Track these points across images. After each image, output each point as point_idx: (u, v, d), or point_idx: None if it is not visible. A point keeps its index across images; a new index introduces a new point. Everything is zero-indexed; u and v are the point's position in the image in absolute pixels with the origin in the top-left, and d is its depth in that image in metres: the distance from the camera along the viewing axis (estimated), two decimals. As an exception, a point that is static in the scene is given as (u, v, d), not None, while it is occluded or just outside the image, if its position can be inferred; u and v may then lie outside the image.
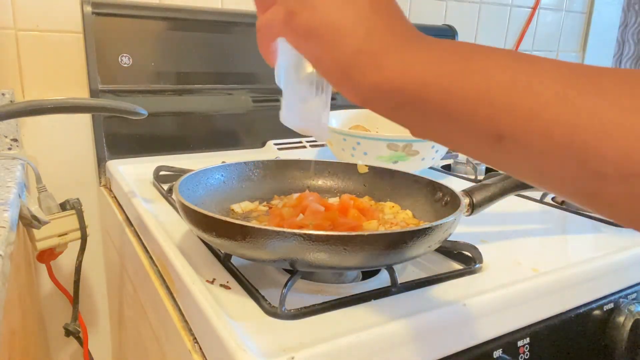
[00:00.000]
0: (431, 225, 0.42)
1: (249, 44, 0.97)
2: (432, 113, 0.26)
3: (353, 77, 0.29)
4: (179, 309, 0.47)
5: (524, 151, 0.23)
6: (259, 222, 0.55)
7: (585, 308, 0.53)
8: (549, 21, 1.52)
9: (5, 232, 0.47)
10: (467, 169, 0.93)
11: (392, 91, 0.27)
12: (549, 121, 0.22)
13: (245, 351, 0.34)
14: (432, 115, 0.26)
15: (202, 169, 0.58)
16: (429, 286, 0.46)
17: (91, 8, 0.83)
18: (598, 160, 0.21)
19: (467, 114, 0.25)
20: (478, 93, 0.24)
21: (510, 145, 0.24)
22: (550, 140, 0.22)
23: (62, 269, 0.91)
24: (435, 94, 0.26)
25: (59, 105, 0.53)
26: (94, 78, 0.84)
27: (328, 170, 0.66)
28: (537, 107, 0.22)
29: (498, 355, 0.46)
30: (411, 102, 0.27)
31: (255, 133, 1.00)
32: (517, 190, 0.57)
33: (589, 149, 0.21)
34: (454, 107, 0.25)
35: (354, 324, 0.39)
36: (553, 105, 0.22)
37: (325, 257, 0.39)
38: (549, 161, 0.23)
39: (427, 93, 0.26)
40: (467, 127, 0.25)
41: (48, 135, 0.86)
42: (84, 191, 0.89)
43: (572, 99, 0.22)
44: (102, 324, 0.98)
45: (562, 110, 0.22)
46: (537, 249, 0.58)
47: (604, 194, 0.21)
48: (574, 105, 0.21)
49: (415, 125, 0.29)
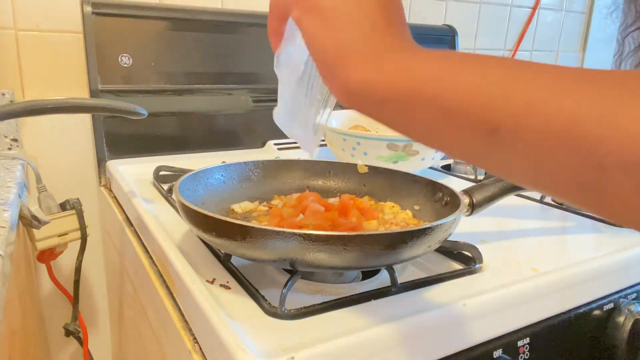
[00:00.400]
0: (431, 225, 0.42)
1: (249, 44, 0.97)
2: (422, 108, 0.26)
3: (346, 66, 0.28)
4: (179, 309, 0.47)
5: (520, 145, 0.23)
6: (259, 222, 0.55)
7: (585, 308, 0.53)
8: (549, 21, 1.52)
9: (5, 232, 0.47)
10: (467, 169, 0.93)
11: (382, 86, 0.27)
12: (548, 112, 0.21)
13: (245, 351, 0.34)
14: (423, 110, 0.26)
15: (202, 169, 0.58)
16: (429, 286, 0.46)
17: (91, 8, 0.83)
18: (598, 150, 0.20)
19: (461, 107, 0.24)
20: (473, 86, 0.24)
21: (506, 138, 0.23)
22: (549, 132, 0.21)
23: (62, 269, 0.91)
24: (429, 88, 0.25)
25: (59, 105, 0.53)
26: (94, 78, 0.84)
27: (328, 170, 0.66)
28: (536, 98, 0.22)
29: (498, 355, 0.46)
30: (400, 98, 0.27)
31: (255, 133, 1.00)
32: (517, 190, 0.57)
33: (590, 139, 0.20)
34: (447, 100, 0.25)
35: (354, 324, 0.39)
36: (553, 96, 0.21)
37: (325, 257, 0.39)
38: (546, 154, 0.22)
39: (420, 87, 0.26)
40: (459, 122, 0.25)
41: (48, 135, 0.86)
42: (84, 191, 0.88)
43: (572, 90, 0.21)
44: (102, 324, 0.98)
45: (562, 101, 0.21)
46: (537, 249, 0.58)
47: (603, 187, 0.21)
48: (574, 96, 0.21)
49: (401, 123, 0.28)
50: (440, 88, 0.25)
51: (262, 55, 0.98)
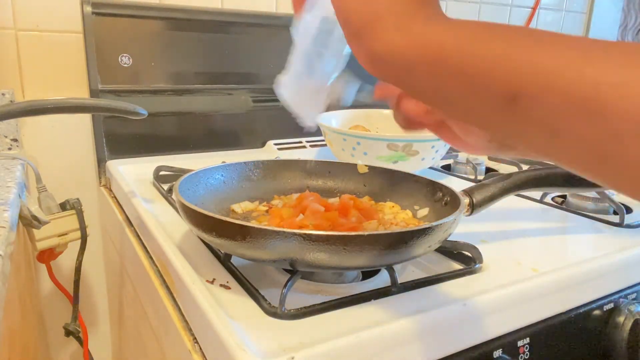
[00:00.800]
0: (431, 225, 0.42)
1: (249, 44, 0.97)
2: (446, 74, 0.26)
3: (374, 31, 0.29)
4: (179, 309, 0.47)
5: (539, 112, 0.23)
6: (259, 222, 0.55)
7: (585, 308, 0.53)
8: (549, 21, 1.52)
9: (5, 232, 0.47)
10: (467, 169, 0.93)
11: (409, 51, 0.27)
12: (571, 79, 0.22)
13: (245, 351, 0.34)
14: (447, 76, 0.26)
15: (202, 169, 0.58)
16: (429, 286, 0.46)
17: (91, 8, 0.83)
18: (616, 118, 0.20)
19: (484, 73, 0.25)
20: (497, 52, 0.24)
21: (525, 105, 0.23)
22: (569, 99, 0.22)
23: (62, 269, 0.91)
24: (454, 54, 0.26)
25: (59, 105, 0.53)
26: (94, 78, 0.84)
27: (328, 170, 0.66)
28: (558, 65, 0.22)
29: (498, 355, 0.46)
30: (427, 64, 0.27)
31: (255, 133, 1.00)
32: (517, 190, 0.57)
33: (608, 107, 0.20)
34: (471, 66, 0.25)
35: (354, 324, 0.39)
36: (574, 64, 0.22)
37: (325, 257, 0.39)
38: (563, 122, 0.22)
39: (445, 53, 0.26)
40: (481, 88, 0.25)
41: (48, 135, 0.86)
42: (84, 191, 0.89)
43: (594, 58, 0.21)
44: (102, 324, 0.98)
45: (584, 69, 0.21)
46: (537, 249, 0.58)
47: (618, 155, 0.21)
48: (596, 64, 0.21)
49: (424, 90, 0.28)
50: (467, 54, 0.25)
51: (262, 55, 0.98)
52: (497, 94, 0.24)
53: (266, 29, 0.98)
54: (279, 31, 0.99)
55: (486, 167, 0.98)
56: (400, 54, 0.28)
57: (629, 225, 0.65)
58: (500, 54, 0.24)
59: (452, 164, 0.96)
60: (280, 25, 1.00)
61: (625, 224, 0.65)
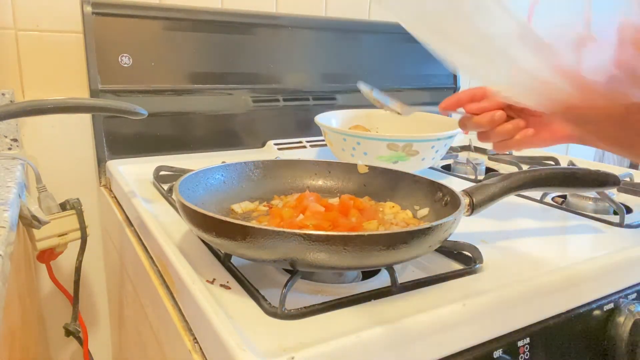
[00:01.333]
0: (431, 225, 0.42)
1: (249, 44, 0.97)
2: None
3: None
4: (179, 309, 0.47)
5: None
6: (259, 222, 0.55)
7: (586, 308, 0.53)
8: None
9: (5, 232, 0.47)
10: (467, 169, 0.93)
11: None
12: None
13: (245, 351, 0.34)
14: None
15: (202, 169, 0.58)
16: (429, 286, 0.46)
17: (91, 8, 0.83)
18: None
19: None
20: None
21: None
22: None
23: (62, 269, 0.91)
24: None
25: (59, 105, 0.53)
26: (94, 78, 0.84)
27: (328, 170, 0.66)
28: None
29: (498, 355, 0.46)
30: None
31: (255, 133, 1.01)
32: (517, 190, 0.57)
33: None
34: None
35: (354, 324, 0.39)
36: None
37: (325, 257, 0.39)
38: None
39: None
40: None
41: (48, 135, 0.86)
42: (84, 191, 0.88)
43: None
44: (102, 324, 0.98)
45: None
46: (537, 249, 0.58)
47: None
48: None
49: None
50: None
51: (262, 55, 0.98)
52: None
53: (266, 29, 0.98)
54: (279, 31, 0.99)
55: (486, 167, 0.98)
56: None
57: (629, 226, 0.65)
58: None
59: (452, 164, 0.96)
60: (280, 25, 1.00)
61: (625, 224, 0.65)
